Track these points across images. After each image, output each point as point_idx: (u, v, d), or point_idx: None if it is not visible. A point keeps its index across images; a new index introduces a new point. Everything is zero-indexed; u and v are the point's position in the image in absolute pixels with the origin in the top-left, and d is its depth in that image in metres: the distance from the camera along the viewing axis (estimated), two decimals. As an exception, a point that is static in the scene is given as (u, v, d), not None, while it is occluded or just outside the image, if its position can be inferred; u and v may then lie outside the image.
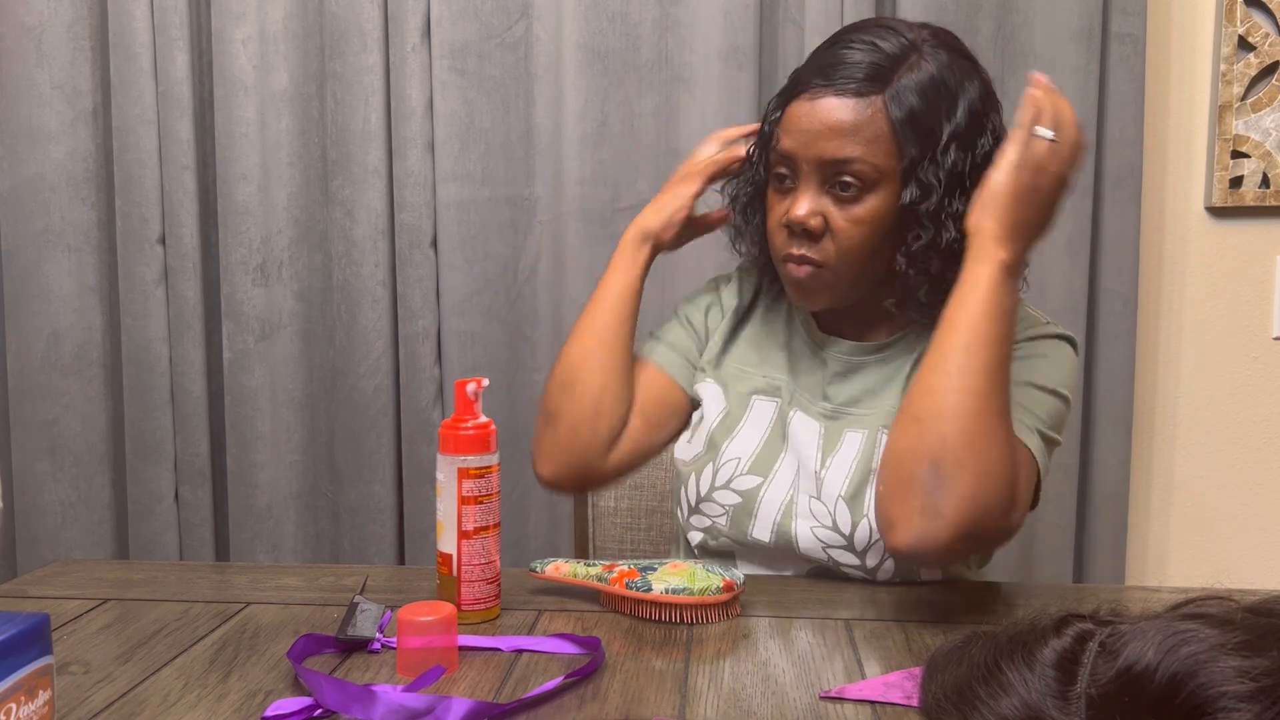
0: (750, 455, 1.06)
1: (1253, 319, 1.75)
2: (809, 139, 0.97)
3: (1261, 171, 1.71)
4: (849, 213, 0.97)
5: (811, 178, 0.98)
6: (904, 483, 0.88)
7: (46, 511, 1.81)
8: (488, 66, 1.71)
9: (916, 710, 0.71)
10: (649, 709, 0.73)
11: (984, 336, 0.90)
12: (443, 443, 0.89)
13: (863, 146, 0.95)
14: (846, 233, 0.98)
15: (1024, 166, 0.91)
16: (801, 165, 0.98)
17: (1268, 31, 1.68)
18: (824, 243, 0.98)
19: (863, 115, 0.95)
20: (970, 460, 0.86)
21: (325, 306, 1.77)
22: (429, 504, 1.72)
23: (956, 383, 0.88)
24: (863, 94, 0.95)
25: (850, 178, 0.96)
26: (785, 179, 1.00)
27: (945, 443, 0.87)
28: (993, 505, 0.87)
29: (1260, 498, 1.77)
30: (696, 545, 1.11)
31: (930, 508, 0.86)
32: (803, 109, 0.98)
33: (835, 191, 0.97)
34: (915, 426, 0.89)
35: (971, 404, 0.87)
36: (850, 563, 1.01)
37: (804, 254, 0.99)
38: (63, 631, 0.88)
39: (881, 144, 0.96)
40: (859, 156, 0.95)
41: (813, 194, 0.98)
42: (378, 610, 0.87)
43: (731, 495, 1.06)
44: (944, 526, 0.85)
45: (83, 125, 1.77)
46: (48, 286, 1.78)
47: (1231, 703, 0.51)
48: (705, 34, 1.66)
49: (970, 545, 0.87)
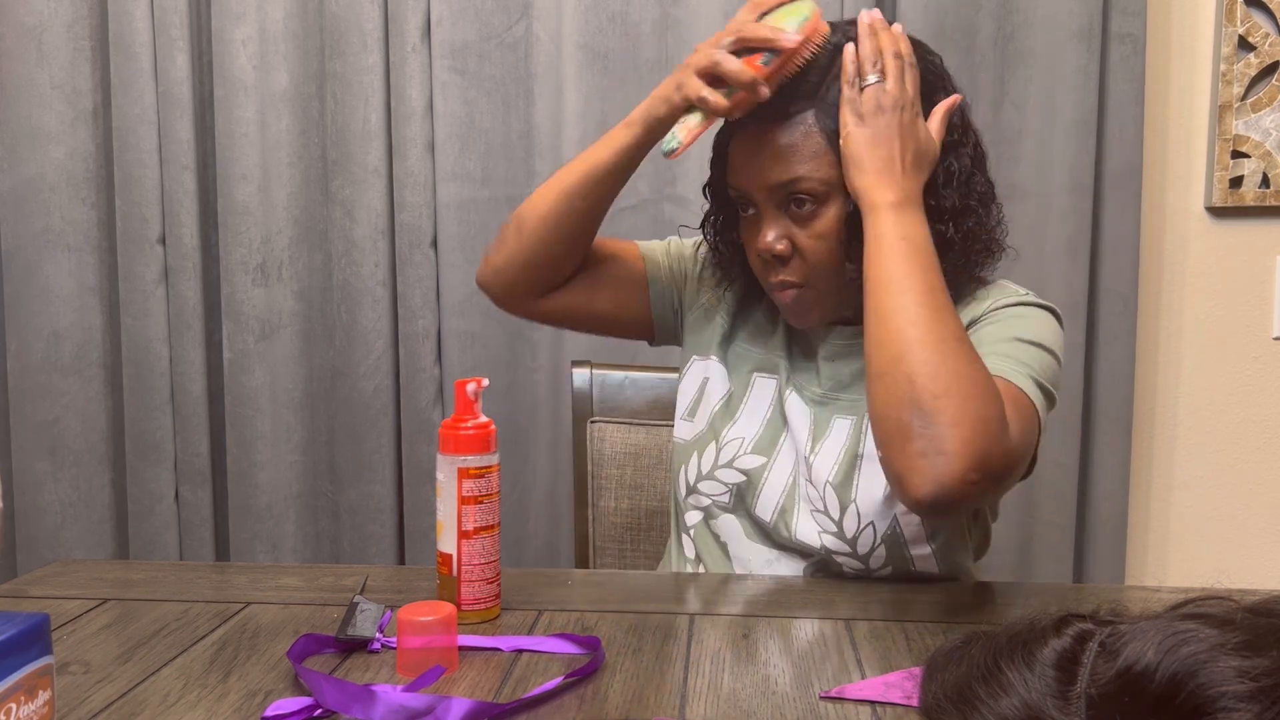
0: (753, 436, 1.07)
1: (1253, 319, 1.75)
2: (755, 170, 0.98)
3: (1261, 171, 1.71)
4: (810, 229, 0.98)
5: (768, 205, 0.99)
6: (896, 435, 0.86)
7: (46, 511, 1.81)
8: (488, 66, 1.71)
9: (916, 710, 0.71)
10: (649, 709, 0.73)
11: (906, 271, 0.90)
12: (443, 443, 0.89)
13: (804, 164, 0.96)
14: (812, 249, 0.99)
15: (862, 120, 0.94)
16: (754, 195, 0.99)
17: (1268, 31, 1.68)
18: (795, 263, 1.00)
19: (795, 134, 0.97)
20: (946, 387, 0.85)
21: (325, 306, 1.77)
22: (429, 504, 1.72)
23: (898, 323, 0.88)
24: (790, 114, 0.97)
25: (802, 195, 0.97)
26: (748, 210, 1.02)
27: (914, 380, 0.86)
28: (989, 422, 0.85)
29: (1260, 498, 1.77)
30: (693, 526, 1.11)
31: (930, 447, 0.84)
32: (739, 144, 1.00)
33: (793, 211, 0.99)
34: (881, 381, 0.88)
35: (922, 335, 0.87)
36: (842, 550, 1.02)
37: (783, 279, 1.01)
38: (63, 631, 0.88)
39: (822, 157, 0.97)
40: (803, 174, 0.97)
41: (774, 220, 0.99)
42: (378, 610, 0.87)
43: (734, 474, 1.06)
44: (952, 459, 0.83)
45: (83, 125, 1.77)
46: (48, 286, 1.78)
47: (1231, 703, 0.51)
48: (705, 34, 1.66)
49: (982, 471, 0.84)
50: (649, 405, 1.40)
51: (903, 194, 0.93)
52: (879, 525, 1.00)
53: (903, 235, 0.92)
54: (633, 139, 1.04)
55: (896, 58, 0.95)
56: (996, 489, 0.88)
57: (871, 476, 1.00)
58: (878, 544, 1.00)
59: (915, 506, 0.87)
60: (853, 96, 0.94)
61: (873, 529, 1.00)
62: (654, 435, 1.39)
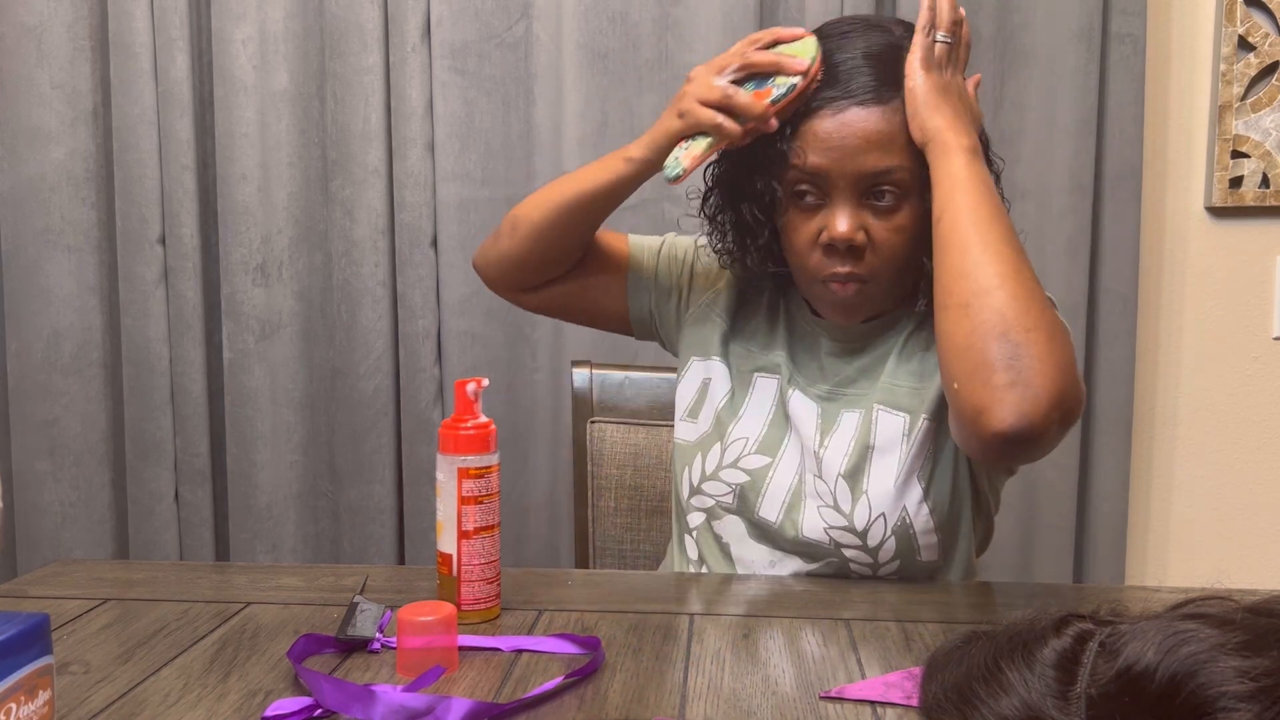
0: (757, 436, 1.06)
1: (1253, 319, 1.75)
2: (844, 155, 0.95)
3: (1261, 171, 1.71)
4: (890, 223, 0.97)
5: (847, 192, 0.96)
6: (980, 366, 0.87)
7: (46, 511, 1.81)
8: (488, 66, 1.71)
9: (916, 710, 0.71)
10: (649, 709, 0.73)
11: (988, 213, 0.91)
12: (443, 443, 0.89)
13: (899, 154, 0.95)
14: (889, 243, 0.97)
15: (932, 68, 0.95)
16: (836, 181, 0.96)
17: (1268, 31, 1.68)
18: (867, 257, 0.97)
19: (893, 123, 0.95)
20: (1034, 321, 0.87)
21: (325, 306, 1.77)
22: (429, 504, 1.72)
23: (986, 258, 0.89)
24: (884, 100, 0.95)
25: (889, 187, 0.96)
26: (807, 195, 0.98)
27: (1004, 314, 0.87)
28: (1069, 361, 0.87)
29: (1260, 498, 1.77)
30: (695, 527, 1.10)
31: (1019, 380, 0.85)
32: (828, 124, 0.95)
33: (871, 203, 0.96)
34: (965, 312, 0.89)
35: (1010, 271, 0.89)
36: (851, 543, 1.01)
37: (850, 270, 0.97)
38: (63, 631, 0.88)
39: (912, 148, 0.96)
40: (899, 165, 0.95)
41: (851, 209, 0.96)
42: (378, 610, 0.87)
43: (739, 474, 1.06)
44: (1039, 393, 0.85)
45: (83, 125, 1.77)
46: (48, 286, 1.78)
47: (1231, 703, 0.51)
48: (705, 34, 1.66)
49: (1062, 409, 0.86)
50: (649, 405, 1.40)
51: (974, 143, 0.95)
52: (890, 517, 1.00)
53: (982, 179, 0.93)
54: (632, 172, 1.05)
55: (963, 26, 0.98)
56: (1064, 431, 0.89)
57: (882, 468, 1.00)
58: (888, 536, 1.00)
59: (994, 439, 0.87)
60: (927, 44, 0.96)
61: (884, 520, 1.00)
62: (654, 435, 1.39)
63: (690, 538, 1.11)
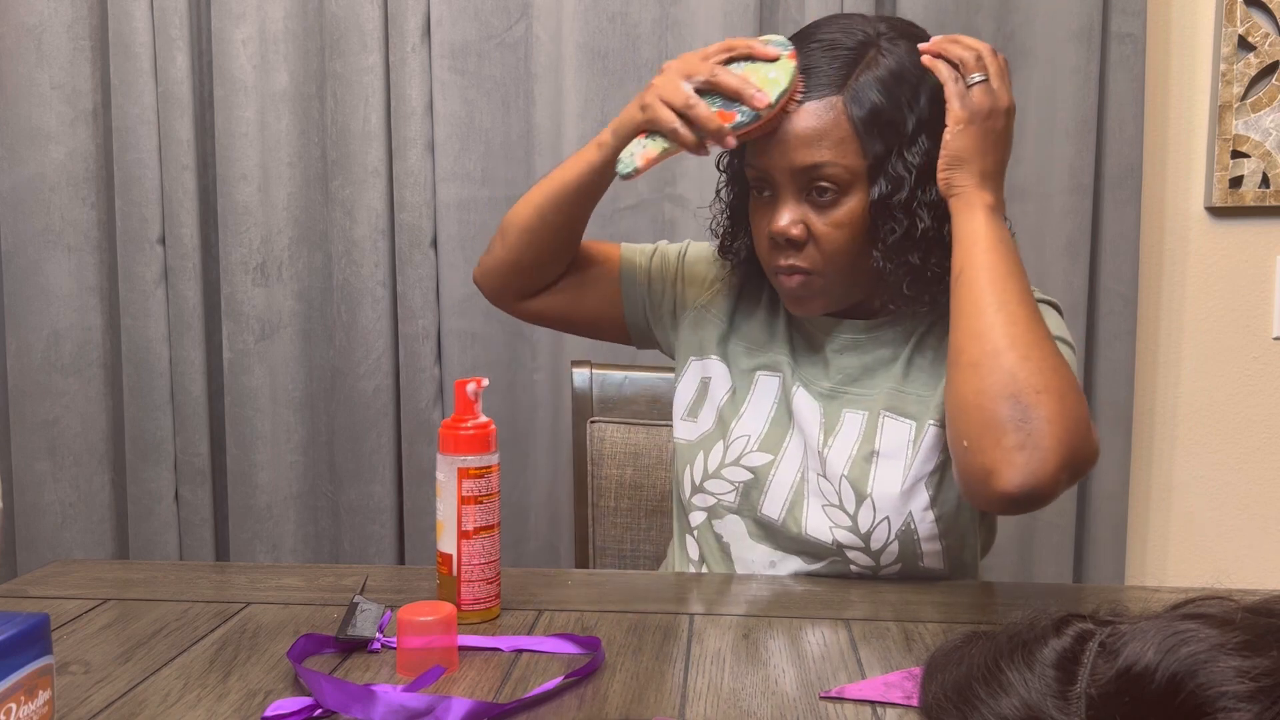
0: (759, 433, 1.07)
1: (1253, 319, 1.75)
2: (780, 150, 0.97)
3: (1261, 171, 1.71)
4: (828, 217, 0.98)
5: (788, 187, 0.98)
6: (991, 426, 0.87)
7: (46, 511, 1.81)
8: (488, 66, 1.71)
9: (916, 710, 0.71)
10: (649, 709, 0.73)
11: (1005, 271, 0.92)
12: (443, 443, 0.89)
13: (830, 150, 0.96)
14: (828, 237, 0.98)
15: (974, 120, 0.94)
16: (776, 176, 0.99)
17: (1268, 31, 1.68)
18: (808, 250, 0.99)
19: (825, 118, 0.96)
20: (1044, 384, 0.87)
21: (325, 306, 1.77)
22: (429, 504, 1.72)
23: (1000, 318, 0.90)
24: (820, 96, 0.96)
25: (825, 182, 0.97)
26: (764, 191, 1.01)
27: (1015, 376, 0.87)
28: (1080, 421, 0.87)
29: (1260, 498, 1.77)
30: (697, 526, 1.10)
31: (1028, 442, 0.86)
32: None
33: (813, 198, 0.98)
34: (977, 371, 0.89)
35: (1022, 333, 0.89)
36: (854, 544, 1.01)
37: (792, 264, 1.00)
38: (63, 631, 0.88)
39: (848, 144, 0.96)
40: (828, 160, 0.96)
41: (792, 203, 0.99)
42: (378, 610, 0.87)
43: (742, 471, 1.06)
44: (1047, 456, 0.85)
45: (83, 125, 1.77)
46: (48, 286, 1.78)
47: (1231, 703, 0.51)
48: (705, 34, 1.66)
49: (1071, 469, 0.86)
50: (649, 405, 1.40)
51: (999, 199, 0.96)
52: (894, 520, 1.00)
53: (1001, 238, 0.94)
54: (602, 159, 1.06)
55: (995, 56, 0.96)
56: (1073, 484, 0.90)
57: (887, 472, 1.00)
58: (891, 540, 1.00)
59: (1000, 499, 0.87)
60: (960, 92, 0.94)
61: (888, 524, 1.00)
62: (654, 435, 1.39)
63: (691, 537, 1.11)
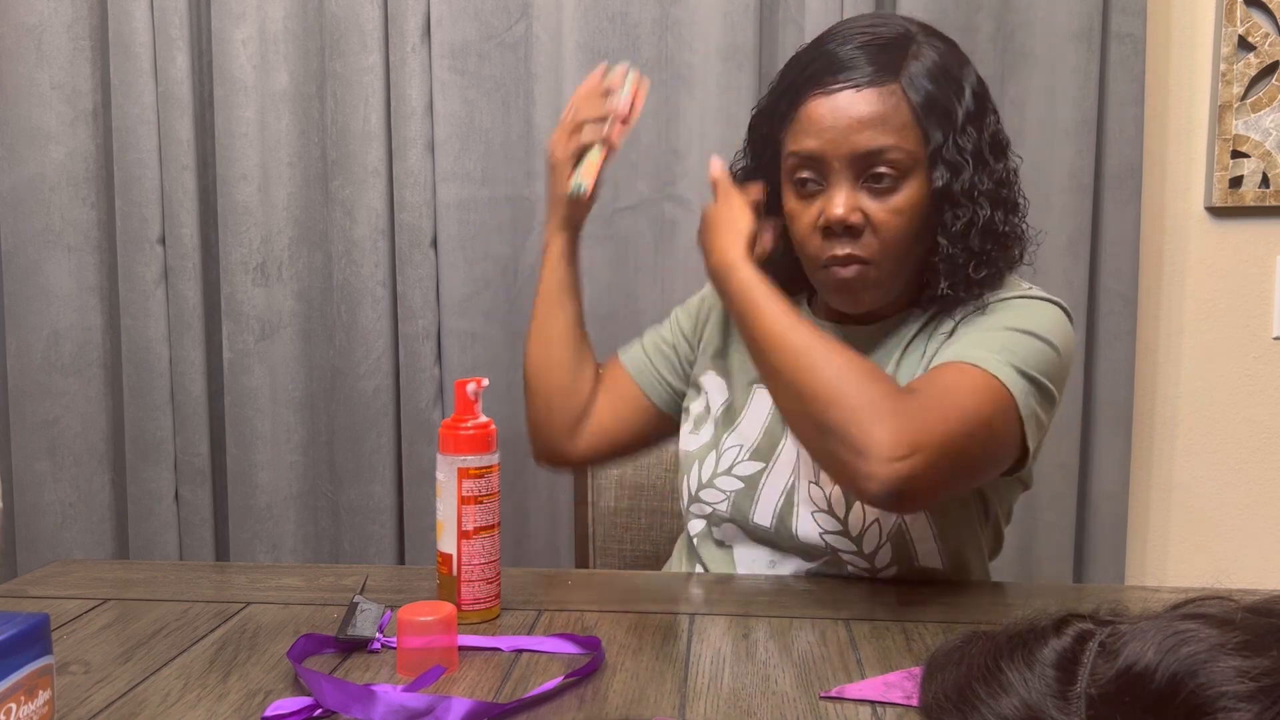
0: (752, 443, 1.07)
1: (1253, 319, 1.75)
2: (837, 135, 0.96)
3: (1261, 171, 1.71)
4: (888, 204, 0.97)
5: (843, 174, 0.97)
6: (821, 458, 0.92)
7: (46, 511, 1.81)
8: (488, 66, 1.71)
9: (916, 710, 0.71)
10: (649, 709, 0.73)
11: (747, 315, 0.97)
12: (443, 443, 0.89)
13: (893, 135, 0.95)
14: (888, 224, 0.97)
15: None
16: (831, 164, 0.97)
17: (1268, 31, 1.68)
18: (866, 238, 0.97)
19: (887, 104, 0.95)
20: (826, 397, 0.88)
21: (325, 306, 1.77)
22: (429, 504, 1.72)
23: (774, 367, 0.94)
24: (879, 83, 0.95)
25: (885, 168, 0.96)
26: (808, 182, 0.99)
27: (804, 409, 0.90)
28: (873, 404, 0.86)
29: (1260, 498, 1.77)
30: (696, 535, 1.11)
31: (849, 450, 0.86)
32: (822, 107, 0.96)
33: (869, 185, 0.97)
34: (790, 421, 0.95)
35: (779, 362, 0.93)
36: (847, 548, 1.01)
37: (850, 253, 0.98)
38: (63, 631, 0.88)
39: (909, 130, 0.96)
40: (893, 144, 0.95)
41: (847, 191, 0.97)
42: (378, 610, 0.87)
43: (734, 481, 1.06)
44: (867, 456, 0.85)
45: (83, 125, 1.77)
46: (48, 286, 1.78)
47: (1231, 703, 0.51)
48: (705, 34, 1.66)
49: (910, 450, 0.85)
50: (649, 405, 1.39)
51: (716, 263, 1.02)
52: (884, 522, 1.00)
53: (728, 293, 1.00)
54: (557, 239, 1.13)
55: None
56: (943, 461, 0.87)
57: None
58: (883, 542, 1.00)
59: (883, 507, 0.90)
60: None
61: (878, 526, 1.00)
62: (654, 435, 1.39)
63: (693, 545, 1.12)
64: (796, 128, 0.98)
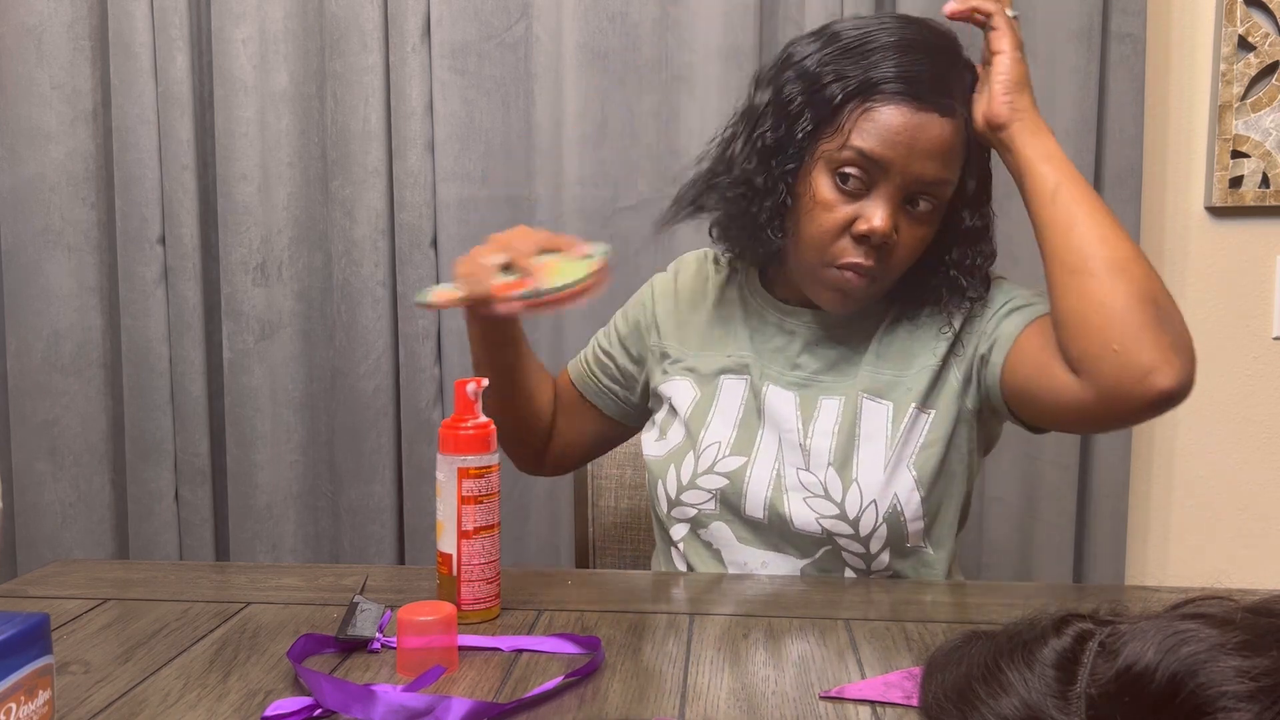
0: (729, 438, 1.06)
1: (1253, 319, 1.75)
2: (910, 154, 0.94)
3: (1261, 171, 1.71)
4: (918, 230, 0.98)
5: (893, 188, 0.95)
6: (1149, 326, 0.87)
7: (46, 511, 1.81)
8: (488, 66, 1.71)
9: (916, 710, 0.71)
10: (649, 709, 0.73)
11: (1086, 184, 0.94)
12: (443, 443, 0.89)
13: (952, 170, 0.97)
14: (909, 246, 0.98)
15: (1021, 48, 0.98)
16: (891, 176, 0.95)
17: (1268, 31, 1.68)
18: (884, 256, 0.98)
19: (956, 139, 0.96)
20: (1164, 292, 0.90)
21: (325, 306, 1.77)
22: (429, 504, 1.72)
23: (1115, 226, 0.92)
24: (952, 114, 0.96)
25: (931, 196, 0.97)
26: (851, 179, 0.96)
27: (1152, 279, 0.90)
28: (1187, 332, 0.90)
29: (1260, 498, 1.77)
30: (680, 539, 1.10)
31: (1180, 342, 0.88)
32: (901, 119, 0.94)
33: (907, 207, 0.97)
34: (1124, 274, 0.89)
35: (1131, 247, 0.91)
36: (843, 532, 1.01)
37: (868, 264, 0.97)
38: (63, 631, 0.88)
39: (958, 167, 0.98)
40: (948, 179, 0.97)
41: (892, 206, 0.96)
42: (378, 610, 0.87)
43: (716, 479, 1.06)
44: (1189, 357, 0.88)
45: (83, 125, 1.77)
46: (48, 286, 1.78)
47: (1231, 703, 0.51)
48: (705, 34, 1.66)
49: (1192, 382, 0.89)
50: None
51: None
52: (881, 504, 1.00)
53: (1068, 161, 0.96)
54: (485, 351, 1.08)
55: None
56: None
57: (871, 455, 1.01)
58: (879, 523, 1.01)
59: (1158, 396, 0.88)
60: (1013, 22, 0.98)
61: (875, 508, 1.00)
62: (654, 435, 1.39)
63: (676, 550, 1.11)
64: (868, 124, 0.94)
